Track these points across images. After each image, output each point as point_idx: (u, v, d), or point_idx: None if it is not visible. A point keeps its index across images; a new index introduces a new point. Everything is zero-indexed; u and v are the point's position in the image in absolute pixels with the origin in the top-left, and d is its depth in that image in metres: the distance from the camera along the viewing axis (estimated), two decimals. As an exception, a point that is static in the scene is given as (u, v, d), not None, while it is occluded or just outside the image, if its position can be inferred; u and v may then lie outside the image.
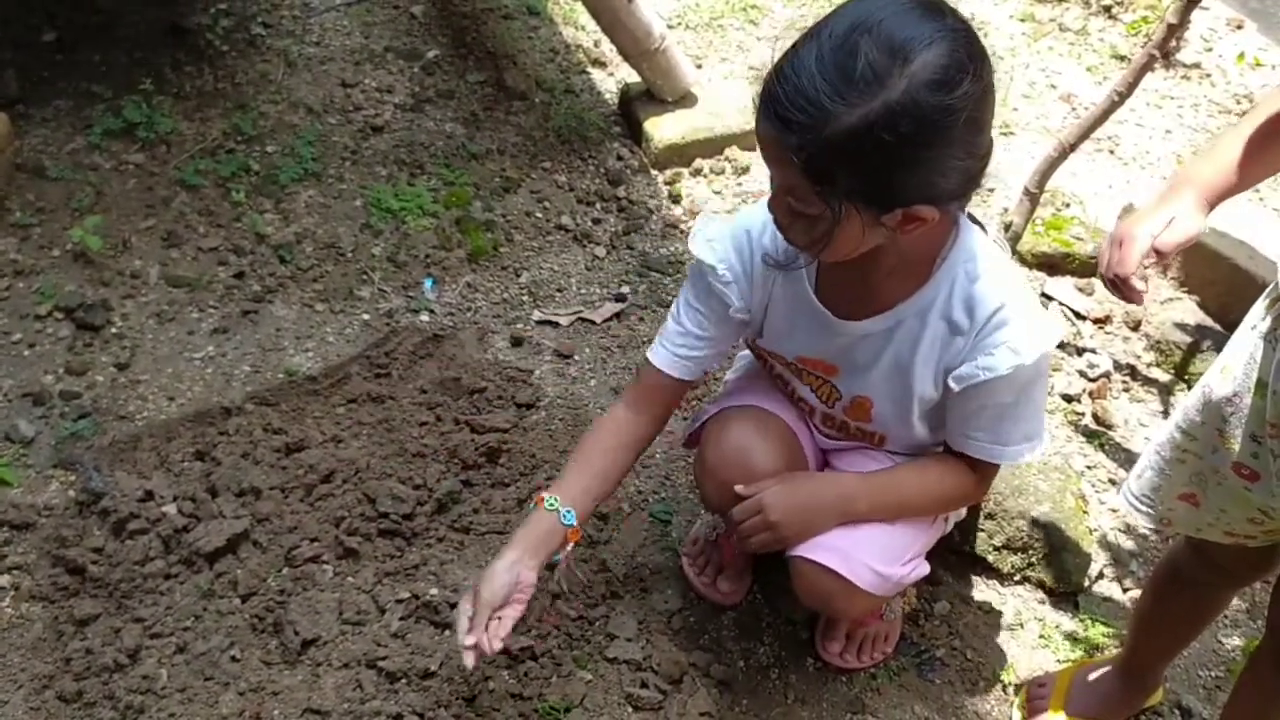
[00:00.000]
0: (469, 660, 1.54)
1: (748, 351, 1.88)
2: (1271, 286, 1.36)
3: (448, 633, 1.91)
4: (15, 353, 2.28)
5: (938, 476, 1.68)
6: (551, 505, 1.59)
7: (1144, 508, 1.61)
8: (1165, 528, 1.59)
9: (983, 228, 1.55)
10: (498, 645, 1.54)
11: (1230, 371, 1.41)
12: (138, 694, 1.77)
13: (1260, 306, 1.39)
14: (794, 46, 1.27)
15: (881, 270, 1.48)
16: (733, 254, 1.60)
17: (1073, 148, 2.41)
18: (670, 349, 1.67)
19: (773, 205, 1.41)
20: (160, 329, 2.38)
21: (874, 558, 1.65)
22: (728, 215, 1.65)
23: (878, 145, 1.23)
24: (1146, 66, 2.22)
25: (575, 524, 1.60)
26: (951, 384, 1.54)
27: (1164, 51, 2.21)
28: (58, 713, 1.76)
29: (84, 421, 2.17)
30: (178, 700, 1.78)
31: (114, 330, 2.35)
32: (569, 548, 1.63)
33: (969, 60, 1.24)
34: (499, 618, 1.55)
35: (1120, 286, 1.71)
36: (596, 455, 1.68)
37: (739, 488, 1.67)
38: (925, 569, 1.76)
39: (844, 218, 1.31)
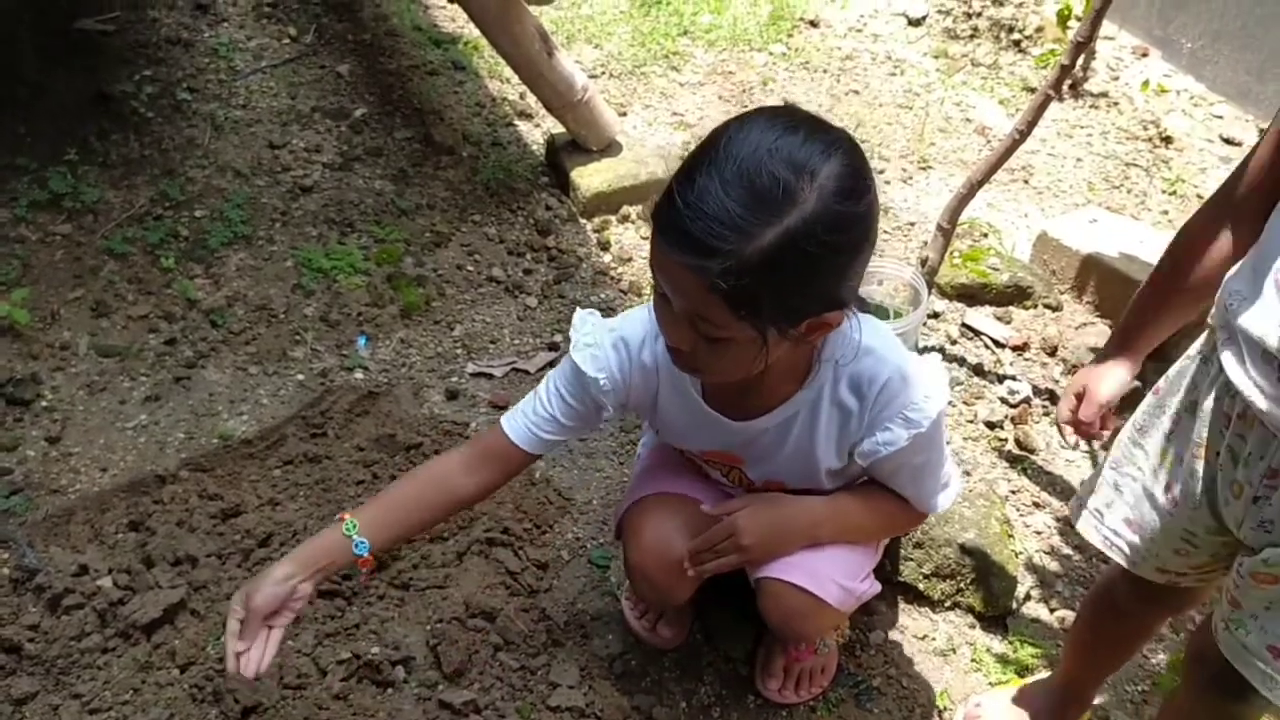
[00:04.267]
0: (233, 666, 1.50)
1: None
2: (1211, 313, 1.41)
3: (390, 690, 1.92)
4: (-56, 430, 2.26)
5: (889, 506, 1.73)
6: (349, 531, 1.56)
7: (1093, 524, 1.63)
8: (1109, 551, 1.62)
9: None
10: (258, 669, 1.50)
11: (1169, 389, 1.47)
12: (77, 772, 1.76)
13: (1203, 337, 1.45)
14: (684, 179, 1.26)
15: (771, 374, 1.49)
16: (613, 363, 1.61)
17: (980, 184, 2.50)
18: (529, 426, 1.65)
19: (673, 336, 1.40)
20: (91, 400, 2.38)
21: (839, 574, 1.71)
22: (604, 320, 1.67)
23: (798, 259, 1.25)
24: (1044, 105, 2.31)
25: (367, 555, 1.57)
26: (857, 459, 1.61)
27: (1060, 91, 2.30)
28: (-4, 796, 1.75)
29: (16, 498, 2.16)
30: (118, 775, 1.77)
31: (44, 404, 2.35)
32: (364, 573, 1.65)
33: (861, 167, 1.29)
34: (270, 626, 1.52)
35: (1079, 432, 1.76)
36: (412, 503, 1.65)
37: (705, 508, 1.72)
38: (878, 586, 1.82)
39: (765, 335, 1.32)
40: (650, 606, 2.05)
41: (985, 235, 3.02)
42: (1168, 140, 3.64)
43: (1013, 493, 2.41)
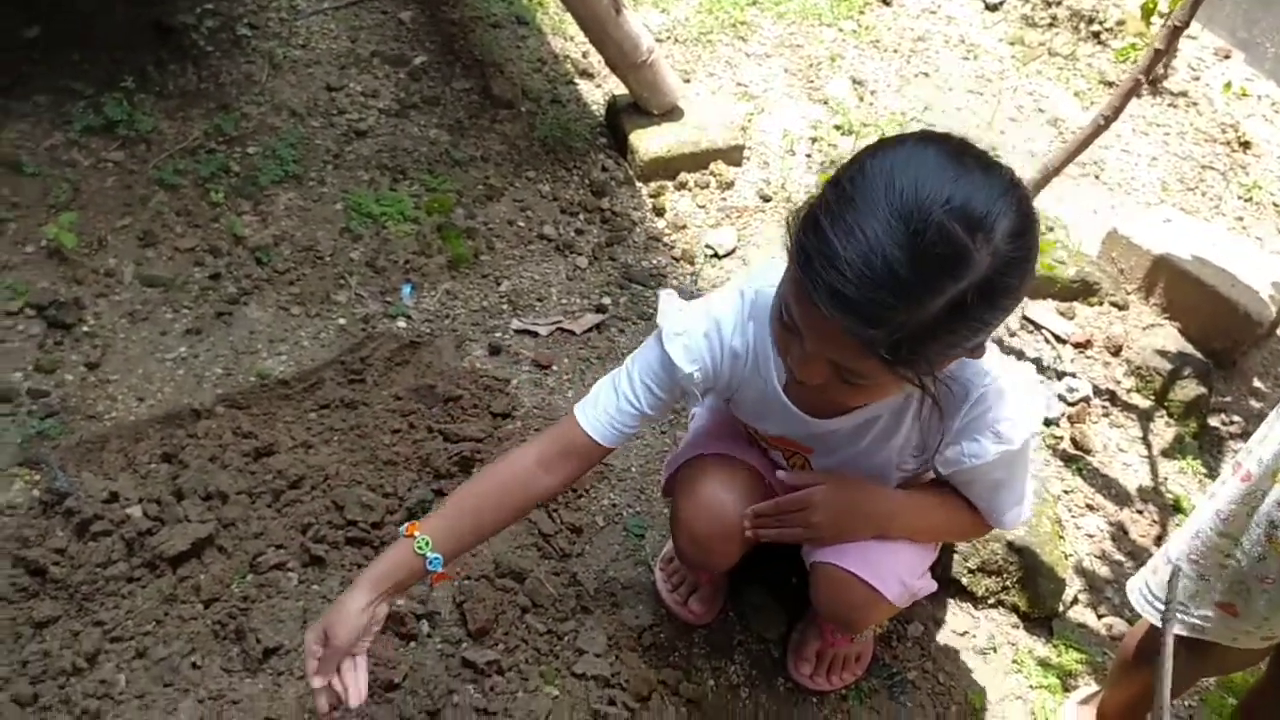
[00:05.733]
0: (322, 706, 1.45)
1: None
2: None
3: (413, 644, 1.88)
4: (-16, 349, 2.25)
5: (962, 511, 1.64)
6: (421, 549, 1.48)
7: (1166, 612, 1.50)
8: (1198, 635, 1.53)
9: None
10: (361, 697, 1.46)
11: (1264, 475, 1.37)
12: (95, 699, 1.73)
13: None
14: (837, 218, 1.13)
15: None
16: (705, 354, 1.53)
17: (1056, 171, 2.41)
18: (607, 419, 1.55)
19: (806, 373, 1.29)
20: (132, 329, 2.34)
21: (903, 570, 1.64)
22: (691, 303, 1.57)
23: (965, 321, 1.16)
24: (1133, 91, 2.22)
25: (441, 569, 1.50)
26: (938, 465, 1.54)
27: (1150, 76, 2.20)
28: (12, 716, 1.72)
29: (51, 420, 2.13)
30: (135, 706, 1.74)
31: (85, 329, 2.32)
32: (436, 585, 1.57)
33: (1031, 216, 1.18)
34: (354, 664, 1.47)
35: None
36: (487, 508, 1.55)
37: (781, 474, 1.65)
38: (934, 585, 1.75)
39: (921, 382, 1.24)
40: (689, 567, 1.97)
41: (1051, 229, 2.91)
42: (1246, 145, 3.52)
43: (1065, 493, 2.32)
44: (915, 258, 1.10)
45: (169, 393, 2.24)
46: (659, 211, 2.90)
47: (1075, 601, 2.14)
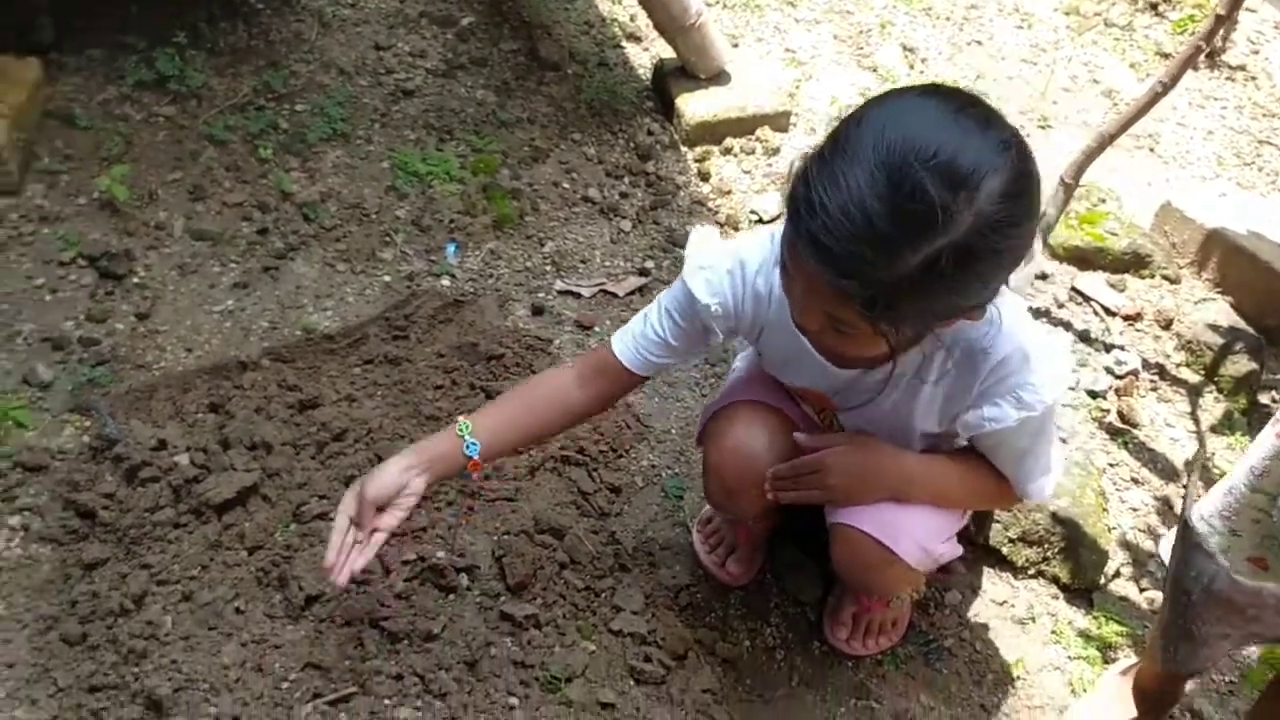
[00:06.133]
0: (331, 558, 1.51)
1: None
2: None
3: (452, 596, 1.90)
4: (37, 298, 2.28)
5: (987, 479, 1.63)
6: (462, 432, 1.57)
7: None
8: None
9: None
10: (345, 578, 1.52)
11: None
12: (141, 639, 1.76)
13: None
14: (828, 166, 1.13)
15: None
16: (726, 289, 1.54)
17: (1112, 139, 2.36)
18: (636, 347, 1.62)
19: (801, 316, 1.32)
20: (182, 281, 2.37)
21: (920, 533, 1.62)
22: (722, 241, 1.59)
23: (943, 280, 1.14)
24: (1192, 58, 2.17)
25: (477, 458, 1.57)
26: (959, 430, 1.53)
27: (1210, 45, 2.15)
28: (60, 654, 1.76)
29: (101, 368, 2.17)
30: (180, 648, 1.77)
31: (136, 280, 2.35)
32: (475, 476, 1.62)
33: (1027, 180, 1.16)
34: (367, 543, 1.53)
35: None
36: (526, 409, 1.65)
37: (799, 436, 1.64)
38: (959, 550, 1.73)
39: (896, 340, 1.25)
40: (720, 512, 1.98)
41: (1104, 200, 2.86)
42: (1307, 120, 3.44)
43: (1110, 465, 2.30)
44: (893, 211, 1.09)
45: (216, 344, 2.27)
46: (704, 176, 2.89)
47: (1117, 574, 2.12)
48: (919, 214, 1.09)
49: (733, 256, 1.55)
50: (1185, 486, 1.78)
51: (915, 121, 1.12)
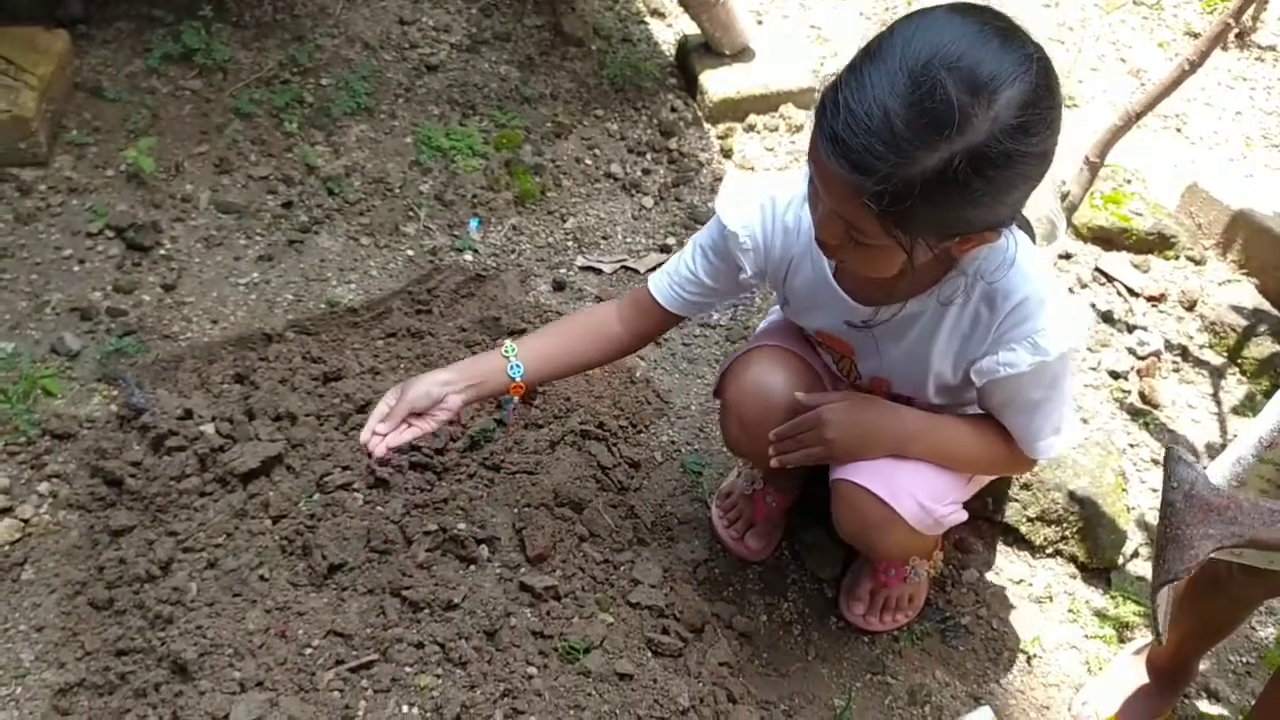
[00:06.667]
0: (366, 436, 1.59)
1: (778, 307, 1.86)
2: None
3: (473, 567, 1.92)
4: (65, 269, 2.31)
5: (993, 441, 1.63)
6: (508, 354, 1.64)
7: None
8: (1235, 559, 1.53)
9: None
10: (382, 449, 1.59)
11: None
12: (167, 604, 1.79)
13: None
14: (855, 71, 1.17)
15: (907, 271, 1.41)
16: (755, 222, 1.58)
17: (1139, 116, 2.34)
18: (671, 285, 1.69)
19: (822, 229, 1.34)
20: (208, 253, 2.40)
21: (920, 491, 1.62)
22: (755, 177, 1.63)
23: (957, 186, 1.17)
24: (1221, 35, 2.15)
25: (520, 380, 1.63)
26: (973, 377, 1.53)
27: (1239, 23, 2.13)
28: (88, 619, 1.79)
29: (129, 339, 2.20)
30: (205, 613, 1.80)
31: (163, 252, 2.37)
32: (514, 402, 1.66)
33: (1048, 94, 1.18)
34: (409, 424, 1.60)
35: None
36: (569, 338, 1.72)
37: (799, 395, 1.65)
38: (964, 515, 1.72)
39: (911, 250, 1.26)
40: (739, 457, 2.00)
41: (1129, 181, 2.85)
42: (1337, 101, 3.39)
43: (1131, 446, 2.29)
44: (911, 110, 1.13)
45: (242, 316, 2.29)
46: (727, 153, 2.89)
47: (1135, 555, 2.12)
48: (936, 113, 1.13)
49: (765, 192, 1.59)
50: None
51: (942, 31, 1.16)
